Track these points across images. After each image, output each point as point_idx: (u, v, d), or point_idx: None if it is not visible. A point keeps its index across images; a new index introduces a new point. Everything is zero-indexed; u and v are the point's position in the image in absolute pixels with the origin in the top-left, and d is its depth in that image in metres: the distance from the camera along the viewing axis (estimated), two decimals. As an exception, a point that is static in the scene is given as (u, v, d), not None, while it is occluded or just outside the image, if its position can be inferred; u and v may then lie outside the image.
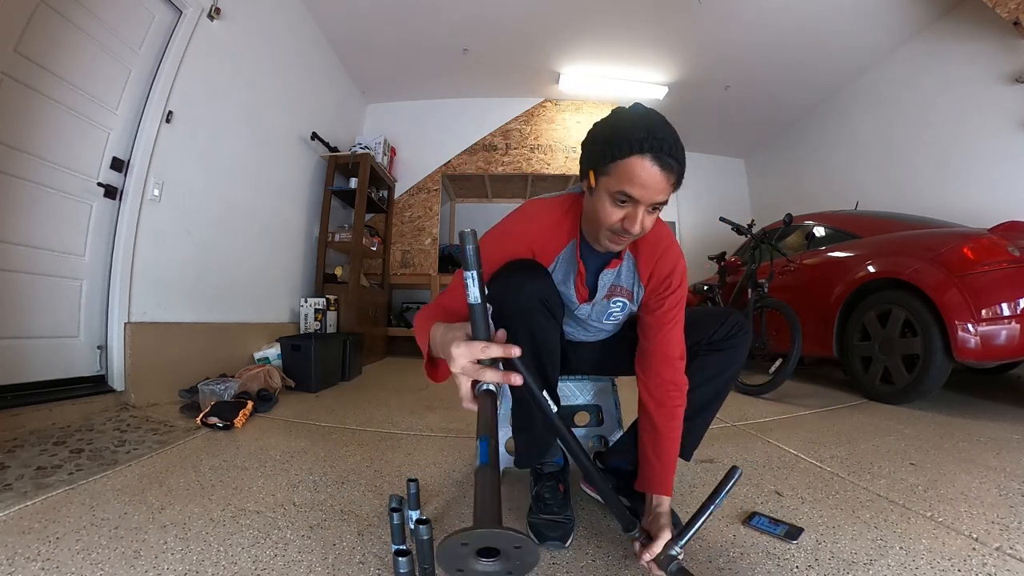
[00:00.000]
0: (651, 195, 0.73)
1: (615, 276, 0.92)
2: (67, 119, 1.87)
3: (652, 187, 0.72)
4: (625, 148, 0.71)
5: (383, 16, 3.58)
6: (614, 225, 0.77)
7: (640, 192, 0.72)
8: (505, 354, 0.60)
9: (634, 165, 0.71)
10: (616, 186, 0.73)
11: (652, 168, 0.70)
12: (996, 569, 0.77)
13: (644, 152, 0.70)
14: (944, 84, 3.54)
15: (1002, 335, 1.82)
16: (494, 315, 0.79)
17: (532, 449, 0.99)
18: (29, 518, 0.97)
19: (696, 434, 1.01)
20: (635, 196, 0.73)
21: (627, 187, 0.72)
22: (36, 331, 1.81)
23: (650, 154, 0.70)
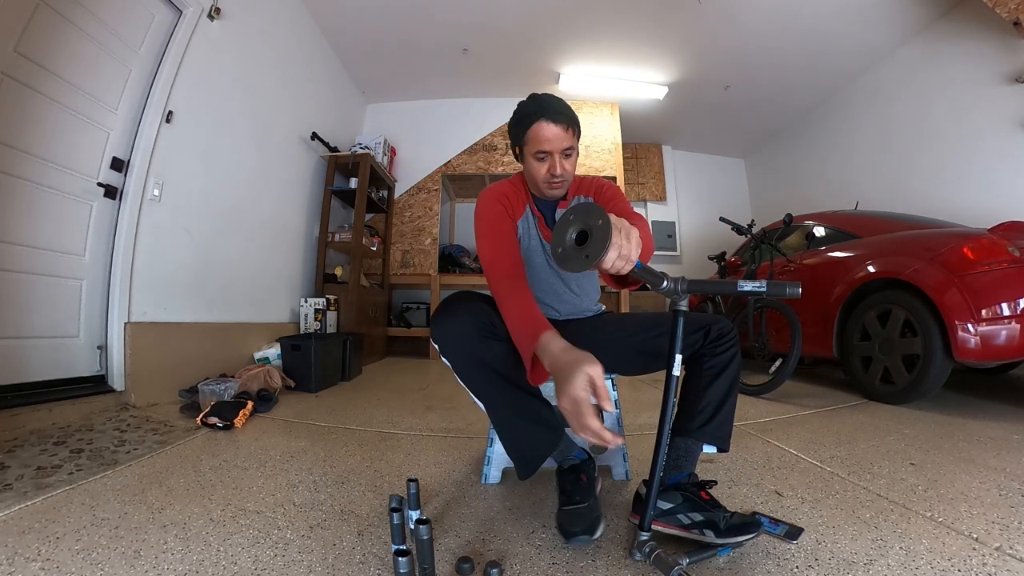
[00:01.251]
0: (557, 144, 1.00)
1: None
2: (67, 119, 1.87)
3: (554, 139, 0.99)
4: (527, 120, 1.01)
5: (383, 16, 3.58)
6: (544, 176, 1.04)
7: (548, 145, 1.00)
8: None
9: (537, 129, 1.00)
10: (532, 148, 1.02)
11: (549, 126, 0.99)
12: (996, 569, 0.77)
13: (538, 118, 0.99)
14: (944, 84, 3.54)
15: (1002, 335, 1.82)
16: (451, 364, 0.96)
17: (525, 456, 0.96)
18: (29, 518, 0.97)
19: (726, 422, 1.00)
20: (546, 149, 1.00)
21: (538, 145, 1.01)
22: (36, 331, 1.81)
23: (543, 117, 0.99)
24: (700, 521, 0.86)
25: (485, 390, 0.96)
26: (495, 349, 0.93)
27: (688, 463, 0.98)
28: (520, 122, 1.02)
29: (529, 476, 0.96)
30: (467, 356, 0.93)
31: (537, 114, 0.98)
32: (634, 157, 5.99)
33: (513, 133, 1.06)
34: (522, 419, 0.95)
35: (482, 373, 0.93)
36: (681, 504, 0.89)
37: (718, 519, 0.84)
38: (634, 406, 2.18)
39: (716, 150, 6.26)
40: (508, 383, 0.94)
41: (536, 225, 1.13)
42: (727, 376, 1.00)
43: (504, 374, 0.94)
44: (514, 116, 1.04)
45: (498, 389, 0.94)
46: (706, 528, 0.85)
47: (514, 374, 0.94)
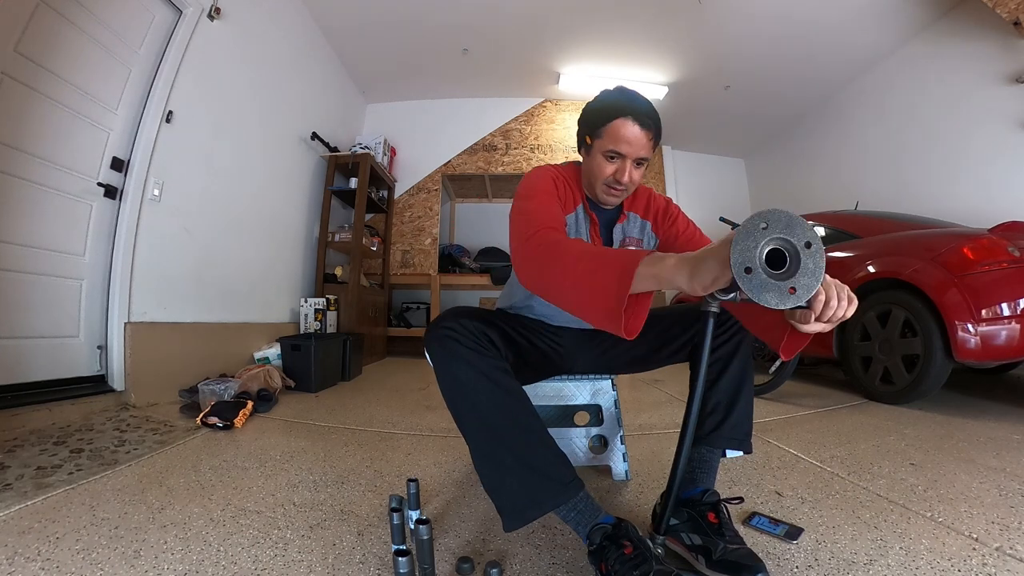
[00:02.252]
0: (635, 150, 0.89)
1: (624, 230, 1.04)
2: (67, 119, 1.87)
3: (635, 143, 0.88)
4: (611, 113, 0.88)
5: (383, 16, 3.58)
6: (608, 178, 0.93)
7: (626, 148, 0.89)
8: None
9: (619, 126, 0.88)
10: (606, 145, 0.90)
11: (633, 127, 0.87)
12: (996, 569, 0.77)
13: (626, 115, 0.87)
14: (944, 84, 3.54)
15: (1002, 335, 1.82)
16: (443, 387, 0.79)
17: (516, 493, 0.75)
18: (29, 518, 0.97)
19: (743, 421, 0.95)
20: (622, 152, 0.89)
21: (614, 145, 0.89)
22: (36, 331, 1.81)
23: (631, 116, 0.87)
24: (698, 545, 0.81)
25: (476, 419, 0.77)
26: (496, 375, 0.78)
27: (705, 476, 0.92)
28: (602, 112, 0.89)
29: (518, 528, 0.75)
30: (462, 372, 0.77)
31: (626, 110, 0.87)
32: (634, 157, 5.99)
33: (588, 120, 0.92)
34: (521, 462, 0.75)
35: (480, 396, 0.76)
36: (685, 523, 0.85)
37: (714, 547, 0.78)
38: (634, 405, 2.18)
39: (716, 150, 6.25)
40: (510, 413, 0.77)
41: (588, 229, 0.99)
42: (736, 366, 0.94)
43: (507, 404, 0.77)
44: (596, 103, 0.92)
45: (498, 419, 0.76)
46: (700, 554, 0.80)
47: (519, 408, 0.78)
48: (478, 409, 0.76)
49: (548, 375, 1.11)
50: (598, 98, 0.93)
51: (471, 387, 0.76)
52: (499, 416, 0.76)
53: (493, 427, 0.76)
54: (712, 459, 0.94)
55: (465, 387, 0.77)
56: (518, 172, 4.76)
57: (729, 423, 0.93)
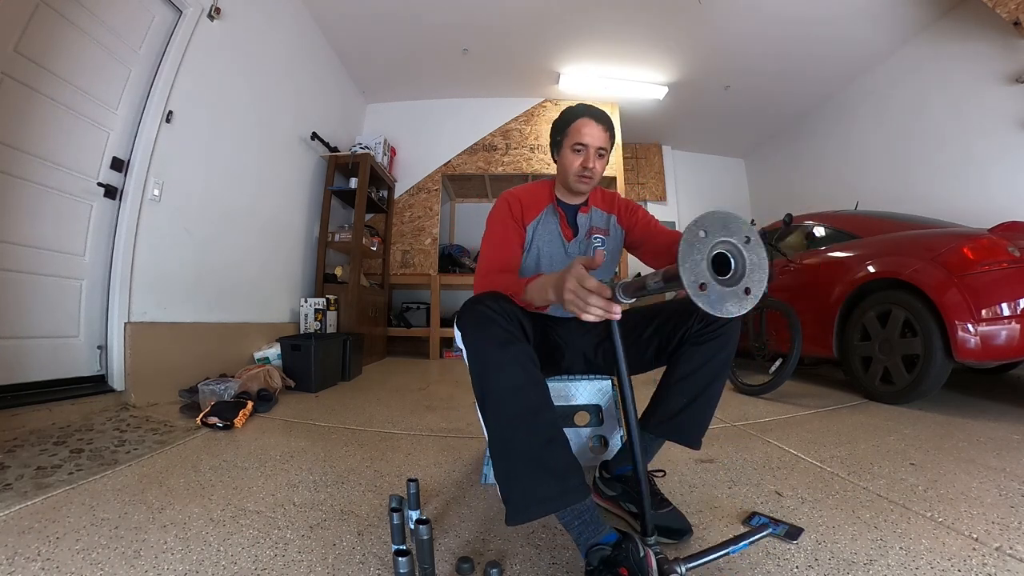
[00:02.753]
0: (595, 141, 1.12)
1: (588, 219, 1.22)
2: (67, 119, 1.87)
3: (594, 135, 1.12)
4: (573, 116, 1.15)
5: (383, 16, 3.58)
6: (577, 169, 1.14)
7: (587, 139, 1.12)
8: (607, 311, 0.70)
9: (580, 124, 1.13)
10: (571, 141, 1.14)
11: (591, 123, 1.12)
12: (996, 569, 0.77)
13: (582, 115, 1.13)
14: (944, 84, 3.54)
15: (1002, 335, 1.82)
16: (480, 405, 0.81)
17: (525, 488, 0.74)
18: (29, 518, 0.97)
19: (700, 420, 0.97)
20: (584, 142, 1.12)
21: (578, 138, 1.12)
22: (36, 331, 1.81)
23: (586, 115, 1.13)
24: (636, 512, 0.98)
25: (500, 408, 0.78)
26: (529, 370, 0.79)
27: None
28: (565, 118, 1.16)
29: (520, 524, 0.74)
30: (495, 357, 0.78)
31: (582, 113, 1.13)
32: (634, 157, 5.99)
33: (556, 128, 1.19)
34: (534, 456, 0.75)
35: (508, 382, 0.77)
36: (621, 494, 1.04)
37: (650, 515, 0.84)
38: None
39: (716, 150, 6.25)
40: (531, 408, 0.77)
41: (557, 222, 1.20)
42: (708, 369, 0.95)
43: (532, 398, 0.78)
44: (560, 115, 1.18)
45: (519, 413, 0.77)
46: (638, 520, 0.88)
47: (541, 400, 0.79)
48: (503, 395, 0.76)
49: (550, 374, 1.14)
50: (561, 113, 1.19)
51: (502, 371, 0.77)
52: (522, 405, 0.76)
53: (515, 416, 0.76)
54: (651, 445, 1.03)
55: (495, 370, 0.77)
56: (518, 172, 4.76)
57: (680, 418, 0.96)
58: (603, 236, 1.22)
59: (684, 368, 0.96)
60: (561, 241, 1.19)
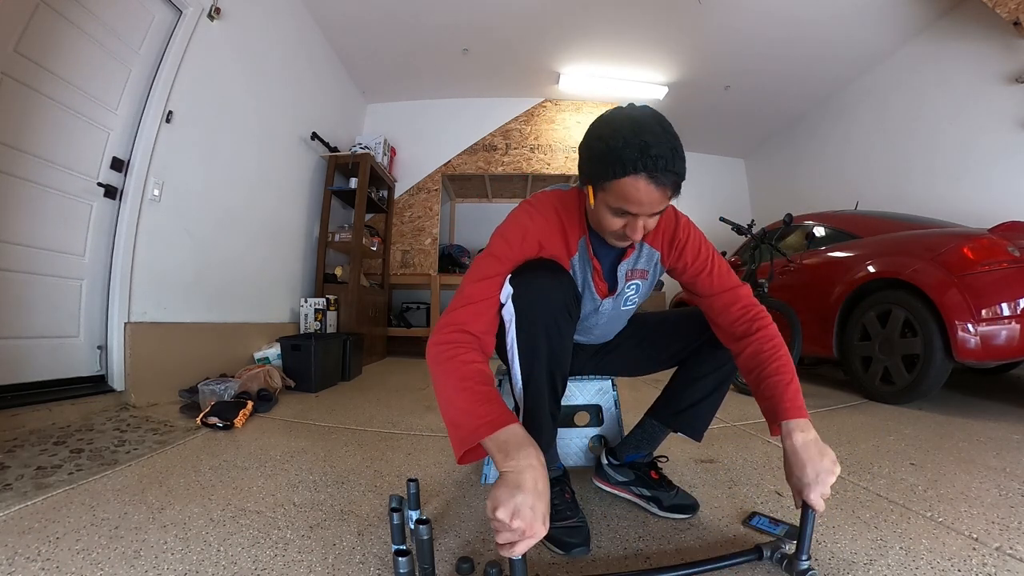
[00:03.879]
0: (648, 209, 0.74)
1: (632, 263, 0.95)
2: (67, 119, 1.87)
3: (648, 203, 0.73)
4: (619, 168, 0.70)
5: (383, 16, 3.58)
6: (616, 232, 0.80)
7: (637, 208, 0.74)
8: None
9: (628, 185, 0.71)
10: (614, 203, 0.75)
11: (647, 187, 0.71)
12: (996, 569, 0.77)
13: (638, 172, 0.69)
14: (944, 84, 3.54)
15: (1002, 335, 1.82)
16: (517, 318, 0.82)
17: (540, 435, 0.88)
18: (29, 518, 0.97)
19: (706, 416, 1.07)
20: (633, 212, 0.75)
21: (624, 204, 0.74)
22: (36, 331, 1.81)
23: (644, 173, 0.70)
24: (648, 496, 1.04)
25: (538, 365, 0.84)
26: (568, 330, 0.86)
27: (648, 446, 1.11)
28: (607, 163, 0.71)
29: None
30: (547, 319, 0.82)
31: (637, 166, 0.69)
32: (634, 157, 5.99)
33: (592, 165, 0.75)
34: (546, 409, 0.88)
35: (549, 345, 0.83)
36: (633, 480, 1.08)
37: (663, 497, 1.02)
38: (634, 405, 2.17)
39: (716, 150, 6.25)
40: (555, 371, 0.87)
41: (591, 274, 0.92)
42: (724, 371, 1.02)
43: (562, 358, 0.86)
44: (600, 146, 0.73)
45: (548, 371, 0.85)
46: (651, 503, 1.03)
47: (566, 361, 0.88)
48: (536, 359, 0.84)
49: None
50: (604, 135, 0.73)
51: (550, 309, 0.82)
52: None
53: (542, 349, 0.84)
54: (659, 434, 1.11)
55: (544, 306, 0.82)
56: (518, 172, 4.76)
57: (689, 413, 1.05)
58: (639, 282, 0.97)
59: (699, 369, 1.03)
60: (593, 296, 0.94)
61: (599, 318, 1.00)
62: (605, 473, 1.14)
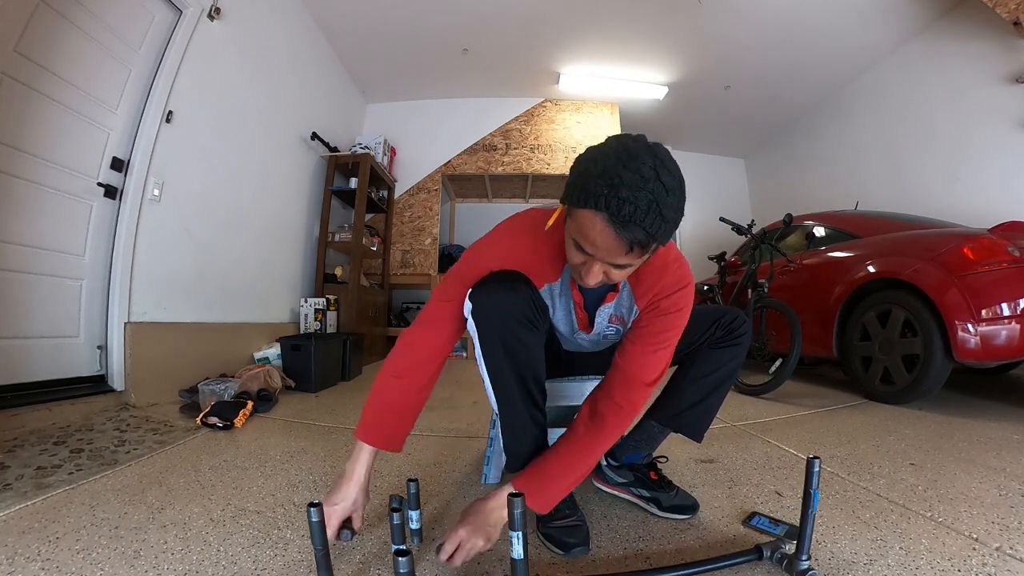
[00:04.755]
0: (603, 255, 0.67)
1: (612, 308, 0.91)
2: (67, 119, 1.87)
3: (603, 247, 0.65)
4: (582, 197, 0.64)
5: (383, 16, 3.58)
6: (575, 267, 0.74)
7: (591, 248, 0.67)
8: None
9: (587, 219, 0.64)
10: (574, 232, 0.69)
11: (604, 228, 0.63)
12: (996, 569, 0.77)
13: (599, 209, 0.62)
14: (944, 84, 3.54)
15: (1002, 335, 1.82)
16: (478, 332, 0.85)
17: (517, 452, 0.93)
18: (29, 518, 0.97)
19: (706, 416, 1.05)
20: (587, 251, 0.68)
21: (579, 238, 0.68)
22: (36, 331, 1.81)
23: (605, 213, 0.62)
24: (648, 497, 1.05)
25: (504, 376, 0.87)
26: (530, 340, 0.85)
27: (647, 447, 1.10)
28: (578, 185, 0.65)
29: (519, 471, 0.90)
30: (504, 332, 0.83)
31: (600, 203, 0.62)
32: (634, 157, 5.99)
33: (567, 188, 0.68)
34: (524, 418, 0.90)
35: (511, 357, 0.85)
36: (633, 481, 1.08)
37: (663, 498, 1.03)
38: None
39: (716, 150, 6.25)
40: (527, 378, 0.88)
41: (571, 306, 0.91)
42: (721, 374, 1.01)
43: (530, 368, 0.87)
44: (581, 165, 0.66)
45: (517, 380, 0.87)
46: (651, 503, 1.04)
47: (536, 370, 0.89)
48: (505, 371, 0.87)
49: (561, 374, 1.17)
50: (589, 158, 0.65)
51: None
52: None
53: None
54: (658, 435, 1.09)
55: None
56: (518, 172, 4.76)
57: (689, 413, 1.03)
58: (619, 327, 0.94)
59: (700, 369, 1.02)
60: (573, 327, 0.95)
61: (580, 343, 1.02)
62: (604, 474, 1.14)
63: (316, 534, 0.70)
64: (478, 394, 2.51)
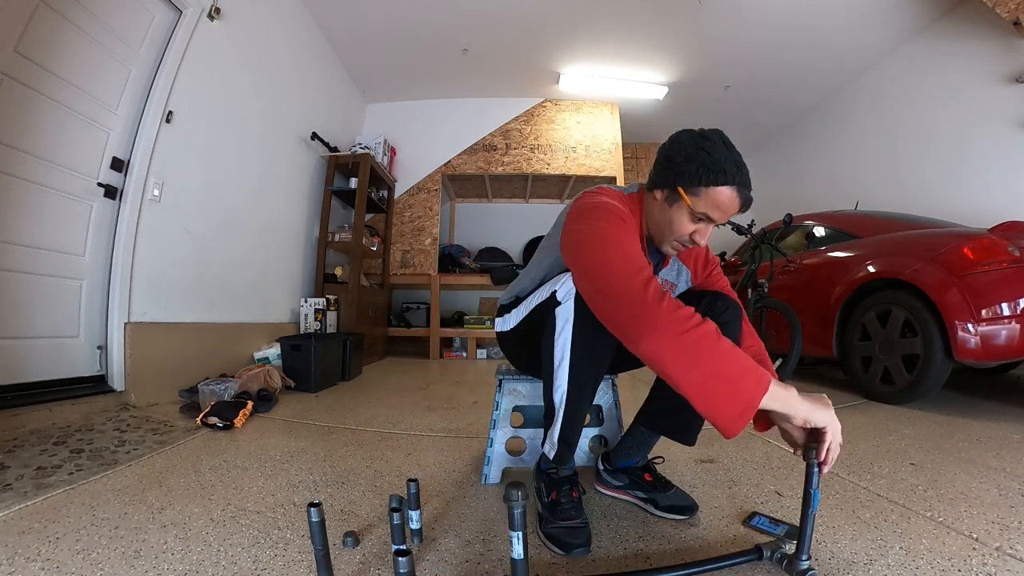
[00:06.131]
0: (725, 218, 0.87)
1: (667, 273, 1.05)
2: (67, 119, 1.87)
3: (730, 213, 0.86)
4: (720, 177, 0.82)
5: (383, 16, 3.58)
6: (683, 236, 0.90)
7: (720, 216, 0.86)
8: None
9: (723, 194, 0.83)
10: (702, 207, 0.85)
11: (734, 197, 0.83)
12: (996, 569, 0.77)
13: (734, 184, 0.82)
14: (944, 84, 3.54)
15: (1002, 335, 1.82)
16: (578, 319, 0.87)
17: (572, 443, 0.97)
18: (29, 518, 0.97)
19: (696, 420, 1.03)
20: (715, 219, 0.86)
21: (711, 210, 0.85)
22: (36, 331, 1.81)
23: (737, 187, 0.83)
24: (644, 498, 1.06)
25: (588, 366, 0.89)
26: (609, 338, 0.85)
27: (640, 452, 1.11)
28: (712, 170, 0.81)
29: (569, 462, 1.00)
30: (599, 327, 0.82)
31: (735, 179, 0.82)
32: (634, 157, 5.99)
33: (689, 171, 0.83)
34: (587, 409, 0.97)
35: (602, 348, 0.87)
36: (628, 484, 1.10)
37: (659, 498, 1.03)
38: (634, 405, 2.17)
39: (716, 150, 6.25)
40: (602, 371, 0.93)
41: None
42: None
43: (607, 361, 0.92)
44: (700, 154, 0.82)
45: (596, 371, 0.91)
46: (648, 504, 1.05)
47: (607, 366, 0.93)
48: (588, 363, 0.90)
49: None
50: (704, 146, 0.82)
51: None
52: None
53: None
54: (650, 440, 1.10)
55: None
56: (518, 172, 4.76)
57: (678, 415, 1.03)
58: (672, 289, 1.06)
59: None
60: None
61: None
62: (602, 478, 1.15)
63: (316, 534, 0.70)
64: (478, 394, 2.51)
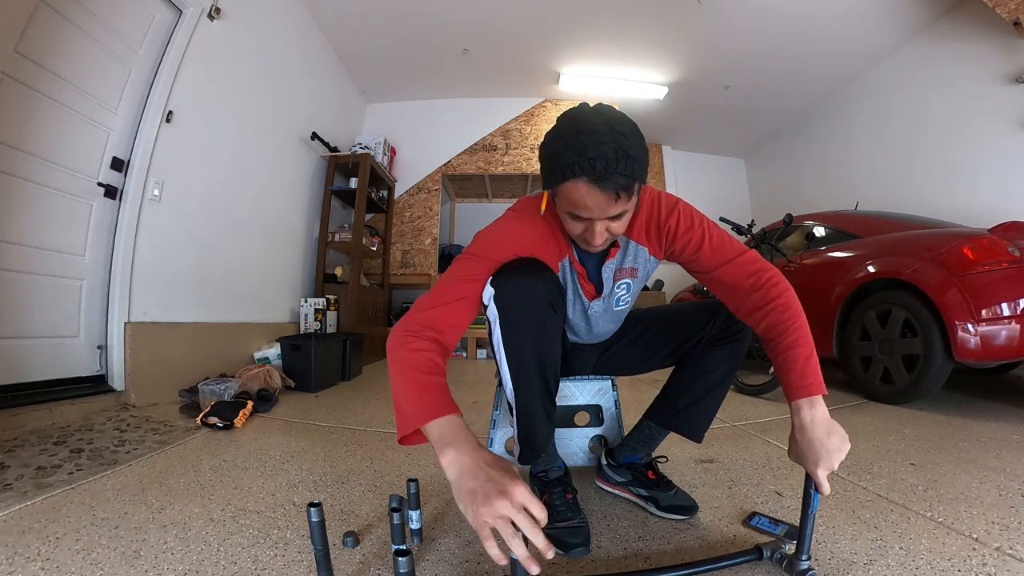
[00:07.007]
0: (598, 213, 0.72)
1: (618, 262, 0.92)
2: (67, 119, 1.87)
3: (595, 207, 0.71)
4: (559, 173, 0.70)
5: (383, 16, 3.58)
6: (580, 236, 0.79)
7: (586, 212, 0.72)
8: (543, 549, 0.57)
9: (571, 190, 0.70)
10: (566, 207, 0.75)
11: (590, 191, 0.69)
12: (996, 569, 0.77)
13: (577, 176, 0.68)
14: (944, 84, 3.54)
15: (1002, 335, 1.82)
16: (501, 318, 0.83)
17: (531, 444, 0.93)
18: (29, 518, 0.97)
19: (706, 416, 1.05)
20: (585, 216, 0.73)
21: (575, 209, 0.73)
22: (36, 331, 1.81)
23: (584, 177, 0.68)
24: (646, 496, 1.05)
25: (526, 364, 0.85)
26: (552, 324, 0.85)
27: (645, 448, 1.11)
28: (552, 166, 0.72)
29: (532, 463, 0.99)
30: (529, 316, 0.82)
31: (575, 170, 0.67)
32: (634, 157, 5.99)
33: (544, 174, 0.76)
34: (539, 407, 0.89)
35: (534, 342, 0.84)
36: (631, 480, 1.09)
37: (660, 497, 1.02)
38: (634, 405, 2.17)
39: (716, 150, 6.25)
40: (547, 365, 0.87)
41: (575, 279, 0.93)
42: (721, 371, 1.00)
43: (550, 355, 0.87)
44: (547, 150, 0.73)
45: (538, 368, 0.86)
46: (649, 502, 1.04)
47: (554, 358, 0.89)
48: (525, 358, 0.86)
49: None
50: (550, 140, 0.72)
51: None
52: None
53: None
54: (657, 436, 1.10)
55: None
56: (518, 172, 4.76)
57: (688, 413, 1.04)
58: (629, 280, 0.95)
59: (697, 368, 1.02)
60: (582, 302, 0.96)
61: (591, 320, 1.00)
62: (604, 473, 1.15)
63: (316, 534, 0.70)
64: (478, 394, 2.51)
